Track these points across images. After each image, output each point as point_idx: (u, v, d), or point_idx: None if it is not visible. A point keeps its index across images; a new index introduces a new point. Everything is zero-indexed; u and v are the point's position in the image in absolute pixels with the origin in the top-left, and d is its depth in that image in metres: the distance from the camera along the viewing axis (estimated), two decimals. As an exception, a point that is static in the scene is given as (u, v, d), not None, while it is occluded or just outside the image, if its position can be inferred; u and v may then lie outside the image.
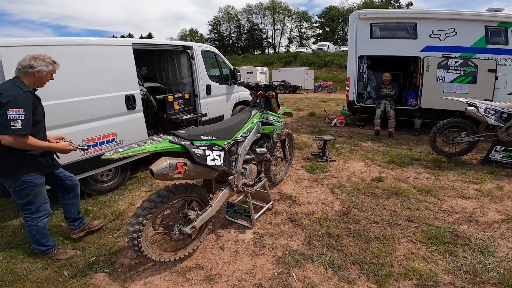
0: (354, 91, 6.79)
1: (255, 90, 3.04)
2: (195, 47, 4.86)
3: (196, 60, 4.84)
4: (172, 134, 2.11)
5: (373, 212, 3.00)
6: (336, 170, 4.21)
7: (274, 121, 3.01)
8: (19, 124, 1.87)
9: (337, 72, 29.36)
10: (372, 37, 6.49)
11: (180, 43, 4.72)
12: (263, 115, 2.88)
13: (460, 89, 6.04)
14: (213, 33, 63.30)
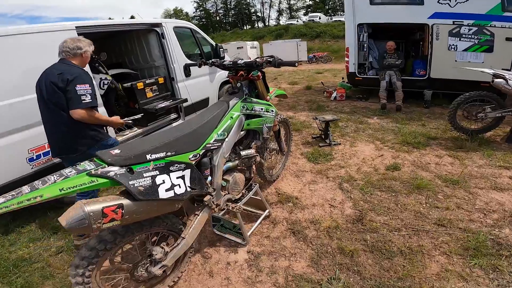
0: (355, 62, 6.12)
1: (234, 71, 2.22)
2: (164, 24, 4.09)
3: (167, 39, 4.09)
4: (97, 159, 1.37)
5: (393, 215, 2.45)
6: (342, 157, 3.62)
7: (262, 111, 2.24)
8: (88, 98, 1.98)
9: (331, 43, 28.27)
10: (372, 3, 5.76)
11: (144, 21, 3.94)
12: (247, 105, 2.10)
13: (474, 58, 5.43)
14: (199, 11, 60.64)
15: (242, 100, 2.12)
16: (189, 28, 4.67)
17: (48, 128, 2.13)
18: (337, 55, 24.70)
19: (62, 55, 2.10)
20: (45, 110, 2.07)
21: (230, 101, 2.03)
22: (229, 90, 2.18)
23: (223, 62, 2.25)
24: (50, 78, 1.98)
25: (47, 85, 1.99)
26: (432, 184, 2.78)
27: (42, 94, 2.03)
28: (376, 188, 2.83)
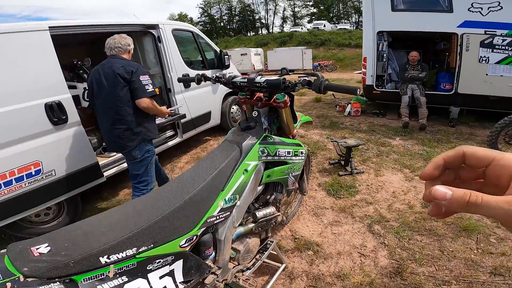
0: (373, 74, 5.51)
1: (248, 92, 1.56)
2: (162, 26, 3.51)
3: (165, 43, 3.51)
4: (7, 260, 0.76)
5: (440, 265, 1.96)
6: (368, 190, 3.02)
7: (289, 156, 1.54)
8: (151, 88, 2.18)
9: (336, 51, 27.94)
10: (394, 9, 5.20)
11: (137, 22, 3.34)
12: (267, 148, 1.41)
13: (508, 72, 4.87)
14: (203, 16, 61.04)
15: (261, 140, 1.41)
16: (190, 31, 4.10)
17: (103, 120, 2.24)
18: (342, 64, 24.36)
19: (115, 51, 2.23)
20: (102, 104, 2.18)
21: (243, 143, 1.33)
22: (241, 122, 1.47)
23: (233, 78, 1.54)
24: (115, 70, 2.08)
25: (109, 78, 2.09)
26: (481, 224, 2.32)
27: (100, 88, 2.14)
28: (415, 232, 2.31)
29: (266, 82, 1.42)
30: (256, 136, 1.41)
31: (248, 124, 1.43)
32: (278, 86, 1.38)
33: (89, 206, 3.13)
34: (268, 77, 1.45)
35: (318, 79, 1.22)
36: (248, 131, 1.43)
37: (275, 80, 1.39)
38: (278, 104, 1.50)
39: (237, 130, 1.49)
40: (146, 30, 3.46)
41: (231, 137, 1.43)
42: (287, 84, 1.35)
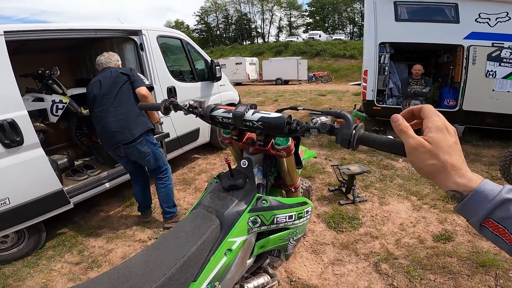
0: (374, 88, 5.17)
1: (235, 130, 1.08)
2: (145, 32, 3.13)
3: (148, 51, 3.14)
4: None
5: None
6: (373, 221, 2.66)
7: (291, 221, 1.08)
8: (147, 81, 2.49)
9: (331, 62, 28.08)
10: (398, 19, 4.90)
11: (116, 27, 2.95)
12: (262, 217, 0.99)
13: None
14: (200, 24, 61.24)
15: (251, 205, 0.98)
16: (178, 38, 3.71)
17: (105, 120, 2.32)
18: (337, 75, 24.38)
19: (108, 65, 2.46)
20: (105, 102, 2.33)
21: (225, 213, 0.92)
22: (223, 178, 1.05)
23: (212, 110, 1.04)
24: (116, 71, 2.38)
25: (111, 77, 2.33)
26: (499, 259, 2.09)
27: (102, 88, 2.32)
28: (427, 270, 2.04)
29: (262, 121, 0.92)
30: (245, 200, 0.96)
31: (234, 183, 0.98)
32: (280, 130, 0.90)
33: (55, 232, 2.73)
34: (264, 112, 0.96)
35: (348, 125, 0.71)
36: (234, 191, 0.99)
37: (276, 120, 0.90)
38: (278, 152, 1.04)
39: (217, 188, 1.03)
40: (127, 36, 3.09)
41: (208, 200, 0.98)
42: (294, 126, 0.88)
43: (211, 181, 1.13)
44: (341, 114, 0.77)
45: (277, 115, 0.92)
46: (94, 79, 2.40)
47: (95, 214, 3.02)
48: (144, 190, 2.71)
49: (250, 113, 0.96)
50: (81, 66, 4.29)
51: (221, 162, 4.18)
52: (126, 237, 2.60)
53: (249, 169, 1.07)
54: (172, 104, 1.15)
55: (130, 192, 3.33)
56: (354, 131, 0.71)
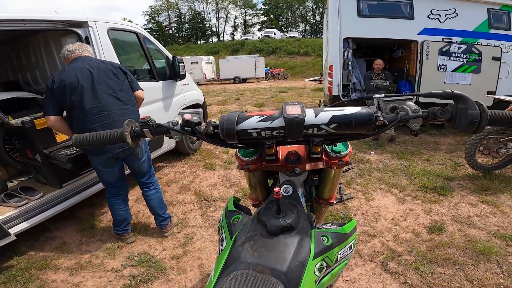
0: (339, 83, 5.23)
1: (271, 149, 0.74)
2: (93, 24, 2.65)
3: (96, 46, 2.66)
4: None
5: None
6: (365, 219, 2.61)
7: (351, 251, 0.76)
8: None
9: (286, 59, 28.67)
10: (360, 15, 5.02)
11: (55, 18, 2.42)
12: (328, 259, 0.66)
13: (463, 79, 5.03)
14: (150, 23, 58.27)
15: (313, 250, 0.64)
16: (134, 32, 3.23)
17: (110, 118, 2.01)
18: (293, 72, 24.93)
19: (84, 53, 2.11)
20: (106, 97, 2.01)
21: (285, 270, 0.58)
22: (262, 213, 0.69)
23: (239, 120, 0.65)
24: (111, 64, 2.13)
25: (107, 70, 2.04)
26: (493, 246, 2.19)
27: (97, 80, 1.98)
28: (434, 263, 2.04)
29: (337, 122, 0.63)
30: (304, 242, 0.65)
31: (286, 224, 0.65)
32: (366, 128, 0.63)
33: (1, 265, 2.22)
34: (333, 109, 0.65)
35: (471, 104, 0.57)
36: (286, 234, 0.65)
37: (358, 115, 0.62)
38: (340, 162, 0.77)
39: (257, 232, 0.66)
40: (68, 28, 2.58)
41: (250, 254, 0.61)
42: (382, 120, 0.63)
43: (232, 219, 0.76)
44: (456, 93, 0.60)
45: (357, 109, 0.64)
46: (72, 67, 1.97)
47: (46, 242, 2.49)
48: (127, 204, 2.34)
49: (311, 114, 0.64)
50: (6, 66, 3.58)
51: (191, 169, 3.80)
52: (94, 266, 2.15)
53: (295, 197, 0.77)
54: (149, 125, 0.72)
55: (86, 213, 2.84)
56: (480, 111, 0.57)
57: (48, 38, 3.10)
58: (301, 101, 0.67)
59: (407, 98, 0.65)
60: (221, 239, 0.74)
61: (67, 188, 2.56)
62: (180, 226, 2.59)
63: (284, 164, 0.79)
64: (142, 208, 2.77)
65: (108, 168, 2.13)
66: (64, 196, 2.52)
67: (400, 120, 0.63)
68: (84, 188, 2.66)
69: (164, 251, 2.29)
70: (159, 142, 3.41)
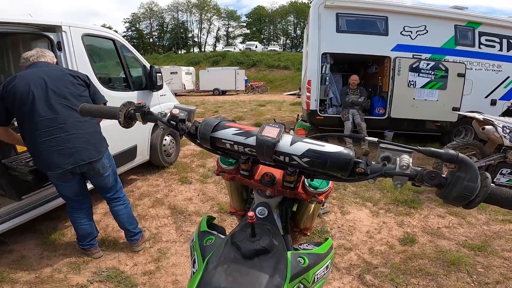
0: (317, 98, 5.33)
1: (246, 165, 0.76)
2: (66, 28, 2.52)
3: (68, 52, 2.54)
4: None
5: None
6: (341, 233, 2.63)
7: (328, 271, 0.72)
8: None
9: (266, 72, 29.14)
10: (338, 31, 5.18)
11: (26, 21, 2.29)
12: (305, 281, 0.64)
13: (430, 95, 5.28)
14: (130, 31, 57.56)
15: (289, 273, 0.61)
16: (111, 39, 3.11)
17: (63, 132, 1.86)
18: (272, 85, 25.34)
19: (42, 59, 1.96)
20: (60, 108, 1.85)
21: None
22: (238, 237, 0.64)
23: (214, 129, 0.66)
24: (69, 72, 1.99)
25: (65, 79, 1.91)
26: (462, 256, 2.29)
27: (52, 89, 1.83)
28: (408, 274, 2.11)
29: (311, 157, 0.60)
30: (280, 265, 0.62)
31: (261, 247, 0.61)
32: (340, 171, 0.60)
33: None
34: (313, 142, 0.62)
35: (472, 175, 0.50)
36: (261, 257, 0.62)
37: (335, 156, 0.59)
38: (313, 198, 0.75)
39: (231, 257, 0.62)
40: (40, 32, 2.45)
41: (224, 279, 0.58)
42: (362, 168, 0.59)
43: (205, 241, 0.72)
44: (460, 158, 0.51)
45: (336, 148, 0.60)
46: (24, 74, 1.84)
47: (2, 255, 2.26)
48: (91, 217, 2.19)
49: (286, 142, 0.62)
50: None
51: (165, 182, 3.67)
52: (56, 281, 1.97)
53: (271, 219, 0.74)
54: (141, 111, 0.74)
55: (48, 226, 2.64)
56: (481, 185, 0.49)
57: (18, 41, 2.94)
58: (283, 124, 0.65)
59: (405, 151, 0.58)
60: (193, 261, 0.70)
61: (27, 201, 2.36)
62: (152, 241, 2.46)
63: (257, 183, 0.77)
64: (111, 222, 2.60)
65: (65, 183, 1.99)
66: (24, 208, 2.31)
67: (384, 174, 0.58)
68: (46, 201, 2.46)
69: (135, 266, 2.16)
70: (132, 154, 3.28)
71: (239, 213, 1.03)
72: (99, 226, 2.57)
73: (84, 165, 1.93)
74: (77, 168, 1.92)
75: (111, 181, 2.16)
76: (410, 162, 0.56)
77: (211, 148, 0.70)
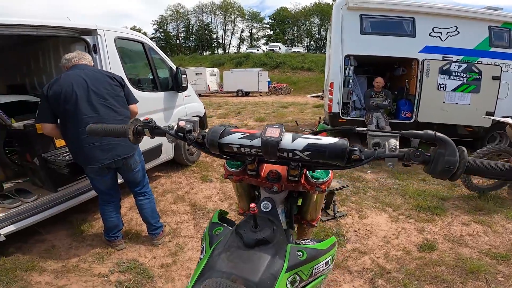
0: (339, 101, 5.25)
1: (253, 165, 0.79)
2: (101, 32, 2.72)
3: (103, 54, 2.73)
4: None
5: None
6: (357, 236, 2.60)
7: (327, 267, 0.75)
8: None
9: (289, 74, 28.99)
10: (362, 32, 5.06)
11: (65, 25, 2.50)
12: (301, 273, 0.68)
13: (462, 99, 5.01)
14: (158, 32, 59.77)
15: (287, 264, 0.65)
16: (140, 42, 3.30)
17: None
18: (296, 87, 25.14)
19: (81, 61, 2.13)
20: (101, 108, 2.02)
21: (257, 281, 0.60)
22: (243, 228, 0.70)
23: (221, 136, 0.73)
24: (107, 74, 2.15)
25: (103, 81, 2.07)
26: (483, 264, 2.19)
27: (92, 90, 2.00)
28: (422, 281, 2.04)
29: (311, 150, 0.66)
30: (279, 256, 0.67)
31: (261, 237, 0.67)
32: (338, 160, 0.66)
33: None
34: (311, 137, 0.69)
35: (450, 150, 0.57)
36: (261, 247, 0.67)
37: (332, 147, 0.66)
38: (316, 188, 0.79)
39: (234, 244, 0.68)
40: (78, 36, 2.66)
41: (226, 263, 0.64)
42: (357, 154, 0.65)
43: (214, 231, 0.79)
44: (438, 137, 0.59)
45: (333, 139, 0.67)
46: (67, 75, 1.99)
47: (35, 245, 2.47)
48: (118, 211, 2.35)
49: (288, 139, 0.68)
50: (15, 69, 3.67)
51: (187, 180, 3.81)
52: (81, 271, 2.14)
53: (274, 213, 0.79)
54: (149, 126, 0.80)
55: (78, 218, 2.83)
56: (459, 158, 0.56)
57: (58, 44, 3.19)
58: (283, 124, 0.71)
59: (391, 135, 0.65)
60: (202, 249, 0.77)
61: (62, 193, 2.57)
62: (172, 235, 2.58)
63: (264, 181, 0.82)
64: (135, 216, 2.76)
65: (100, 177, 2.15)
66: (58, 200, 2.52)
67: (376, 157, 0.64)
68: (79, 194, 2.67)
69: (153, 259, 2.28)
70: (157, 152, 3.44)
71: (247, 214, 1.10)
72: (124, 220, 2.72)
73: (119, 160, 2.09)
74: (113, 163, 2.08)
75: (140, 176, 2.31)
76: (397, 144, 0.63)
77: (219, 153, 0.75)
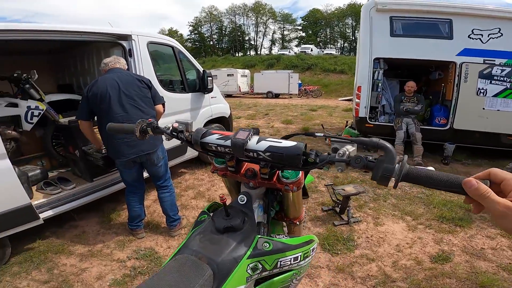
0: (367, 105, 5.09)
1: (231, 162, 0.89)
2: (135, 37, 2.97)
3: (137, 58, 2.97)
4: None
5: None
6: (368, 243, 2.54)
7: (296, 262, 0.83)
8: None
9: (321, 76, 28.47)
10: (393, 35, 4.88)
11: (104, 31, 2.76)
12: (264, 262, 0.77)
13: (505, 105, 4.61)
14: (193, 34, 61.80)
15: (252, 249, 0.76)
16: (170, 45, 3.54)
17: None
18: (327, 90, 24.61)
19: (116, 65, 2.37)
20: (129, 107, 2.22)
21: (218, 260, 0.70)
22: (217, 217, 0.82)
23: (203, 136, 0.86)
24: (136, 77, 2.37)
25: (133, 83, 2.29)
26: (497, 278, 2.07)
27: (123, 91, 2.21)
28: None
29: (271, 152, 0.76)
30: (244, 243, 0.76)
31: (230, 224, 0.78)
32: (294, 162, 0.74)
33: (22, 247, 2.48)
34: (273, 140, 0.78)
35: (389, 158, 0.59)
36: (230, 234, 0.78)
37: (289, 150, 0.73)
38: (285, 187, 0.86)
39: (208, 229, 0.81)
40: (116, 40, 2.92)
41: (197, 243, 0.76)
42: (313, 158, 0.72)
43: (199, 217, 0.92)
44: (379, 144, 0.62)
45: (290, 143, 0.75)
46: (104, 78, 2.25)
47: (69, 230, 2.76)
48: (142, 202, 2.58)
49: (254, 141, 0.78)
50: (64, 71, 4.09)
51: (210, 177, 3.98)
52: (103, 255, 2.37)
53: (248, 206, 0.87)
54: (151, 126, 0.97)
55: (109, 207, 3.10)
56: (398, 166, 0.58)
57: (99, 48, 3.51)
58: (256, 128, 0.82)
59: (348, 142, 0.71)
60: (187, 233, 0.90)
61: (97, 182, 2.84)
62: (188, 228, 2.73)
63: (242, 177, 0.91)
64: (158, 208, 2.95)
65: (127, 169, 2.38)
66: (93, 189, 2.79)
67: (328, 161, 0.70)
68: (111, 184, 2.93)
69: (168, 249, 2.44)
70: (183, 150, 3.64)
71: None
72: (148, 211, 2.93)
73: (143, 155, 2.30)
74: (137, 158, 2.30)
75: (162, 171, 2.50)
76: (349, 151, 0.67)
77: (202, 150, 0.89)
